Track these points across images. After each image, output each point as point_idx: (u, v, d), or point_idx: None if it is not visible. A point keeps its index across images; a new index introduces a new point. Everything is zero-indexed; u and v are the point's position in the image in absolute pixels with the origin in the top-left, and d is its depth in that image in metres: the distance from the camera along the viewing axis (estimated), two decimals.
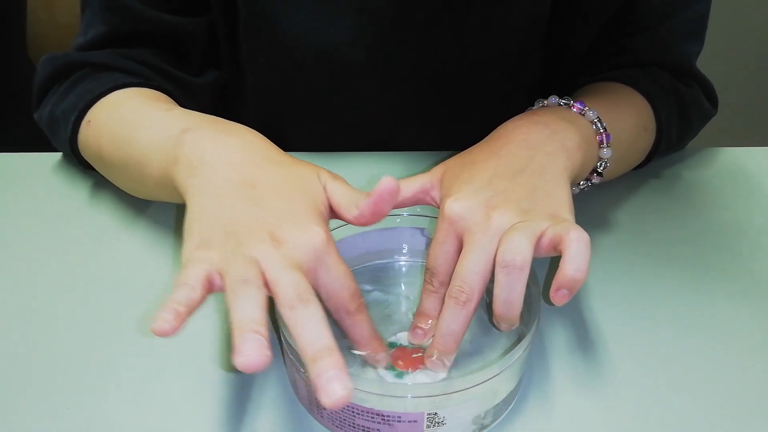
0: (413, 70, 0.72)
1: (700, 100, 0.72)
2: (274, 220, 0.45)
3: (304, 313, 0.40)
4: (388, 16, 0.69)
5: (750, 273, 0.59)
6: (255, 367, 0.37)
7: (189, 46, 0.70)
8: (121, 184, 0.64)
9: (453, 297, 0.46)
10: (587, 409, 0.48)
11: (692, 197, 0.68)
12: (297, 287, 0.41)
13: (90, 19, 0.67)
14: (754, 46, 1.71)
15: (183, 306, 0.40)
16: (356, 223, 0.48)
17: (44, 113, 0.67)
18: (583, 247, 0.44)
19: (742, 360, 0.52)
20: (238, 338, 0.38)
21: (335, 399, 0.37)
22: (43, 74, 0.67)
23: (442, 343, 0.47)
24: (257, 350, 0.37)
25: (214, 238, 0.44)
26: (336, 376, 0.37)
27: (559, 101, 0.59)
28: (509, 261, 0.44)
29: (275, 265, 0.42)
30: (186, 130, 0.51)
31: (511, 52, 0.72)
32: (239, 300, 0.40)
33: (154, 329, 0.39)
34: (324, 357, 0.38)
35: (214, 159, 0.48)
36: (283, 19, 0.69)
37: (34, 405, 0.48)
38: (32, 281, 0.58)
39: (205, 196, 0.46)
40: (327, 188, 0.49)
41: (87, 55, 0.66)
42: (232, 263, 0.42)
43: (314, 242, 0.44)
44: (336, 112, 0.75)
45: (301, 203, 0.47)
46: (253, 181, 0.47)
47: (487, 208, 0.48)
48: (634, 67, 0.69)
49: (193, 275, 0.41)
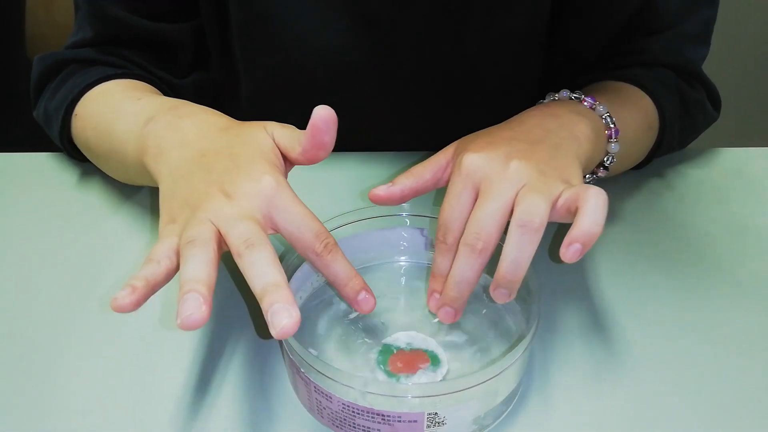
0: (412, 73, 0.72)
1: (704, 103, 0.72)
2: (222, 178, 0.46)
3: (250, 257, 0.41)
4: (386, 19, 0.69)
5: (750, 273, 0.59)
6: (193, 325, 0.38)
7: (176, 51, 0.70)
8: (112, 172, 0.65)
9: (468, 244, 0.46)
10: (587, 409, 0.48)
11: (693, 197, 0.68)
12: (243, 234, 0.42)
13: (80, 22, 0.69)
14: (754, 46, 1.71)
15: (141, 281, 0.40)
16: (303, 160, 0.48)
17: (40, 110, 0.69)
18: (602, 204, 0.43)
19: (741, 360, 0.52)
20: (179, 300, 0.39)
21: (281, 328, 0.37)
22: (36, 73, 0.69)
23: (456, 290, 0.47)
24: (195, 308, 0.38)
25: (177, 211, 0.45)
26: (282, 308, 0.38)
27: (571, 95, 0.60)
28: (527, 221, 0.44)
29: (226, 219, 0.43)
30: (149, 120, 0.53)
31: (511, 54, 0.72)
32: (185, 261, 0.41)
33: (112, 306, 0.39)
34: (271, 292, 0.39)
35: (171, 143, 0.50)
36: (281, 23, 0.68)
37: (35, 405, 0.47)
38: (32, 281, 0.58)
39: (169, 178, 0.48)
40: (275, 136, 0.49)
41: (74, 52, 0.68)
42: (186, 228, 0.43)
43: (263, 188, 0.45)
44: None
45: (247, 156, 0.47)
46: (202, 151, 0.48)
47: (507, 159, 0.48)
48: (639, 66, 0.70)
49: (159, 250, 0.43)
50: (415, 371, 0.48)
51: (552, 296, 0.56)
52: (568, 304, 0.56)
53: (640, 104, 0.66)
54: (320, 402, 0.45)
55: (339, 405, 0.44)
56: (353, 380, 0.43)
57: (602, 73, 0.70)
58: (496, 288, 0.46)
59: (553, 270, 0.58)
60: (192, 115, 0.52)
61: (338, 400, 0.44)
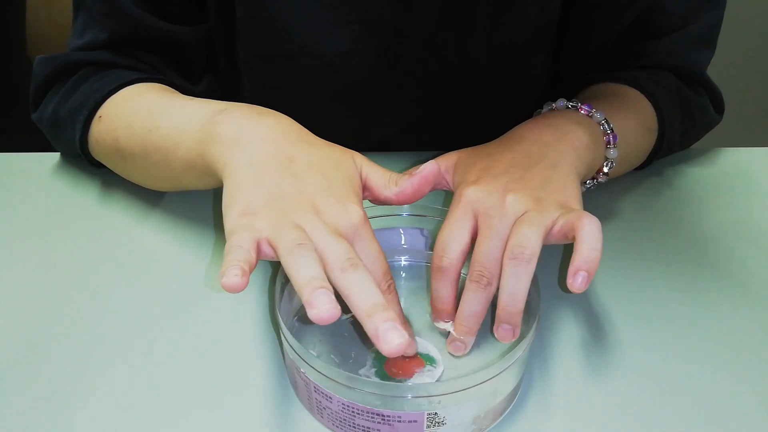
0: (416, 78, 0.72)
1: (705, 106, 0.72)
2: (314, 193, 0.47)
3: (355, 275, 0.42)
4: (391, 25, 0.68)
5: (750, 273, 0.59)
6: (327, 319, 0.39)
7: (189, 54, 0.70)
8: (138, 175, 0.64)
9: (474, 281, 0.48)
10: (587, 409, 0.48)
11: (693, 197, 0.68)
12: (346, 252, 0.43)
13: (87, 23, 0.67)
14: (754, 46, 1.71)
15: (246, 264, 0.41)
16: (395, 200, 0.50)
17: (45, 114, 0.67)
18: (596, 230, 0.45)
19: (742, 360, 0.52)
20: (309, 294, 0.40)
21: (394, 346, 0.39)
22: (42, 74, 0.67)
23: (465, 324, 0.48)
24: (328, 303, 0.39)
25: (258, 206, 0.45)
26: (393, 327, 0.40)
27: (567, 104, 0.60)
28: (517, 253, 0.46)
29: (321, 232, 0.44)
30: (219, 112, 0.52)
31: (517, 57, 0.72)
32: (300, 260, 0.42)
33: (226, 283, 0.40)
34: (379, 311, 0.40)
35: (251, 135, 0.50)
36: (285, 27, 0.68)
37: (40, 405, 0.47)
38: (32, 281, 0.58)
39: (245, 167, 0.48)
40: (362, 170, 0.51)
41: (88, 54, 0.66)
42: (282, 229, 0.43)
43: (353, 217, 0.46)
44: (337, 119, 0.74)
45: (339, 181, 0.48)
46: (291, 157, 0.49)
47: (504, 192, 0.50)
48: (641, 69, 0.70)
49: (244, 239, 0.43)
50: (411, 375, 0.48)
51: (551, 296, 0.56)
52: (567, 304, 0.56)
53: (638, 107, 0.66)
54: (320, 402, 0.45)
55: (339, 405, 0.44)
56: (353, 380, 0.43)
57: (603, 75, 0.70)
58: (499, 325, 0.48)
59: (553, 270, 0.58)
60: (271, 114, 0.52)
61: (338, 400, 0.44)
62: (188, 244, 0.61)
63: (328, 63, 0.70)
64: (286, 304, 0.51)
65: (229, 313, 0.54)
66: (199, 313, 0.55)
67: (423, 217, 0.56)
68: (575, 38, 0.72)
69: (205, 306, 0.55)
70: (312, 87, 0.72)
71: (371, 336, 0.40)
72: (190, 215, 0.64)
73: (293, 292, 0.52)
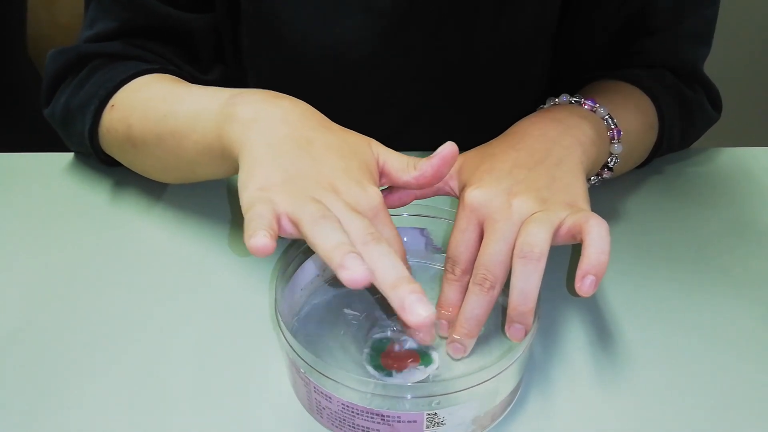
0: (419, 69, 0.72)
1: (703, 104, 0.72)
2: (333, 174, 0.47)
3: (378, 248, 0.42)
4: (395, 15, 0.68)
5: (750, 273, 0.59)
6: (361, 281, 0.39)
7: (198, 43, 0.70)
8: (149, 164, 0.63)
9: (477, 284, 0.48)
10: (587, 410, 0.48)
11: (693, 196, 0.68)
12: (367, 227, 0.43)
13: (97, 13, 0.67)
14: (754, 46, 1.71)
15: (271, 230, 0.41)
16: (414, 183, 0.50)
17: (57, 108, 0.67)
18: (604, 232, 0.45)
19: (742, 360, 0.51)
20: (341, 257, 0.40)
21: (420, 319, 0.39)
22: (54, 68, 0.67)
23: (466, 327, 0.48)
24: (361, 265, 0.39)
25: (276, 182, 0.45)
26: (419, 299, 0.40)
27: (570, 99, 0.60)
28: (527, 252, 0.46)
29: (342, 208, 0.44)
30: (236, 95, 0.53)
31: (519, 52, 0.72)
32: (325, 230, 0.41)
33: (255, 244, 0.39)
34: (404, 283, 0.40)
35: (270, 116, 0.50)
36: (288, 17, 0.68)
37: (36, 405, 0.48)
38: (32, 281, 0.58)
39: (263, 146, 0.48)
40: (379, 156, 0.51)
41: (99, 46, 0.66)
42: (302, 204, 0.43)
43: (373, 198, 0.47)
44: (340, 110, 0.75)
45: (356, 164, 0.49)
46: (309, 139, 0.49)
47: (508, 196, 0.49)
48: (639, 67, 0.70)
49: (266, 209, 0.42)
50: (405, 367, 0.48)
51: (552, 296, 0.56)
52: (567, 304, 0.56)
53: (640, 104, 0.66)
54: (320, 402, 0.45)
55: (338, 405, 0.44)
56: (353, 380, 0.43)
57: (602, 72, 0.70)
58: (511, 324, 0.47)
59: (553, 270, 0.58)
60: (288, 98, 0.53)
61: (338, 401, 0.44)
62: (194, 244, 0.61)
63: (331, 52, 0.70)
64: (286, 304, 0.51)
65: (229, 313, 0.54)
66: (200, 313, 0.55)
67: (423, 217, 0.56)
68: (574, 37, 0.72)
69: (206, 306, 0.55)
70: (315, 77, 0.72)
71: (397, 308, 0.40)
72: (199, 215, 0.64)
73: (293, 291, 0.52)
